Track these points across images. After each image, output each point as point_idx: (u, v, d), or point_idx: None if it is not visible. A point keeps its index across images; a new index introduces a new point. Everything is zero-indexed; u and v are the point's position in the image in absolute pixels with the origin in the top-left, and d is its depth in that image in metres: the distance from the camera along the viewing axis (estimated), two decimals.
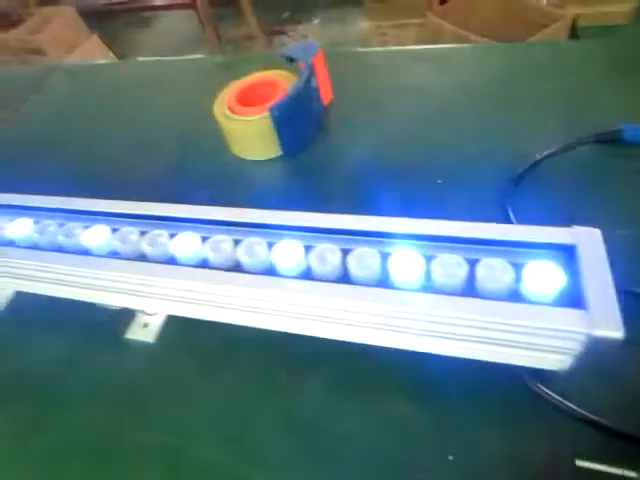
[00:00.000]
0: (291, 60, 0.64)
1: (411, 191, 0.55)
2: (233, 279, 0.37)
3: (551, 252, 0.35)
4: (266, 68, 0.67)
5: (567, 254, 0.34)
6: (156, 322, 0.49)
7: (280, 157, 0.64)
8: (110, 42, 2.85)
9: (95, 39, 2.65)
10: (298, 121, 0.63)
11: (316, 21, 2.99)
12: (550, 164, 0.54)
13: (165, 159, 0.69)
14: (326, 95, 0.69)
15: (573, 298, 0.31)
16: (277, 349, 0.44)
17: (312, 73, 0.63)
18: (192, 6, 2.80)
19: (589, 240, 0.33)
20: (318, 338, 0.40)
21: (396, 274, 0.35)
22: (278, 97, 0.60)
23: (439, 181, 0.55)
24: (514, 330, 0.32)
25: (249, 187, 0.63)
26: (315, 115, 0.67)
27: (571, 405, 0.36)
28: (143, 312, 0.49)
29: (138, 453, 0.42)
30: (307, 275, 0.38)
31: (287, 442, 0.40)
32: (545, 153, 0.54)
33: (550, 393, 0.37)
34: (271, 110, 0.59)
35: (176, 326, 0.49)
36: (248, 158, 0.65)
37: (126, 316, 0.50)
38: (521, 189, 0.52)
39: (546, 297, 0.32)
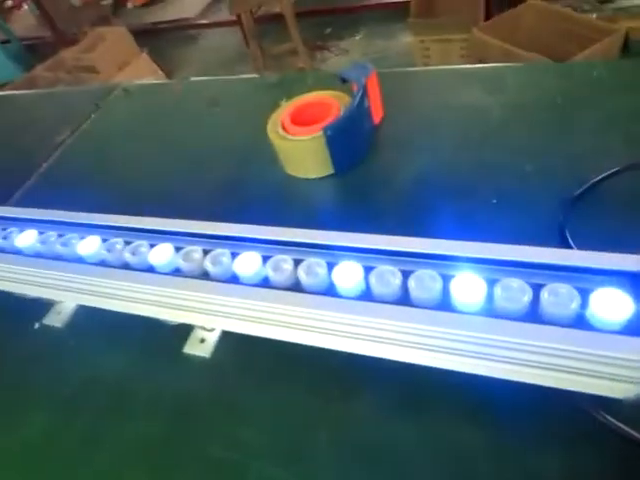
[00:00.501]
0: (344, 81, 0.66)
1: (465, 210, 0.55)
2: (296, 299, 0.38)
3: (616, 279, 0.34)
4: (319, 88, 0.69)
5: (635, 281, 0.33)
6: (212, 337, 0.50)
7: (331, 175, 0.65)
8: (158, 59, 2.95)
9: (145, 57, 2.76)
10: (350, 141, 0.64)
11: (358, 37, 3.02)
12: (608, 186, 0.52)
13: (219, 177, 0.71)
14: (377, 114, 0.70)
15: None
16: (332, 366, 0.45)
17: (364, 94, 0.64)
18: (237, 23, 2.88)
19: None
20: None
21: (458, 297, 0.35)
22: (331, 117, 0.61)
23: (494, 201, 0.55)
24: (581, 357, 0.31)
25: (302, 205, 0.64)
26: (366, 134, 0.68)
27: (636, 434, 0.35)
28: (201, 327, 0.50)
29: (196, 467, 0.42)
30: (367, 296, 0.38)
31: (342, 458, 0.40)
32: (603, 175, 0.53)
33: (615, 421, 0.36)
34: (325, 130, 0.60)
35: (231, 342, 0.49)
36: (300, 176, 0.67)
37: (184, 331, 0.51)
38: (579, 211, 0.51)
39: (614, 325, 0.31)
